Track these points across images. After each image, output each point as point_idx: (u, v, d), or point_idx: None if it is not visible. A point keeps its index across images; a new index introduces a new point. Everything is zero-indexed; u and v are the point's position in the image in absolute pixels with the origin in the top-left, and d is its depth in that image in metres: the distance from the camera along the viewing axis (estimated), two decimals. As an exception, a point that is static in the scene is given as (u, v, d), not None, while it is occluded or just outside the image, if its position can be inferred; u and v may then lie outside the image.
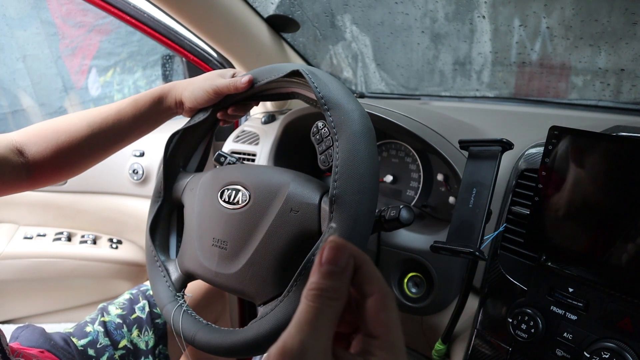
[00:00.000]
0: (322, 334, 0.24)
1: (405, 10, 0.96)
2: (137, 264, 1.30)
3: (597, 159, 0.49)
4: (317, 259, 0.25)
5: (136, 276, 1.31)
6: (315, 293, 0.24)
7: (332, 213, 0.47)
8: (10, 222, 1.30)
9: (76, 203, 1.29)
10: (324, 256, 0.25)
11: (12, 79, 1.49)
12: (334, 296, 0.24)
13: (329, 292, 0.24)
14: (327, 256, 0.25)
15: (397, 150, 0.86)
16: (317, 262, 0.25)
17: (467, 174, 0.57)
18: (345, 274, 0.25)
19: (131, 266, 1.29)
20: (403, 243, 0.70)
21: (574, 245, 0.51)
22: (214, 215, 0.59)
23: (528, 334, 0.54)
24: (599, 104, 0.84)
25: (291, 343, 0.23)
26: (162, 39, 1.05)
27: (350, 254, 0.25)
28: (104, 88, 1.61)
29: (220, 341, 0.54)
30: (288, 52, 1.11)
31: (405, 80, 1.15)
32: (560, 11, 0.78)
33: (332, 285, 0.24)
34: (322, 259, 0.25)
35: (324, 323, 0.24)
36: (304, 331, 0.24)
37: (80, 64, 1.58)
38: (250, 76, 0.61)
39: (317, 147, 0.54)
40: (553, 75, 0.90)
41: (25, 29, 1.47)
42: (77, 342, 0.72)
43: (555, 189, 0.52)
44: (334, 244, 0.25)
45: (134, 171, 1.23)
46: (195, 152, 0.71)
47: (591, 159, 0.49)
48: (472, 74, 1.01)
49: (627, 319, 0.48)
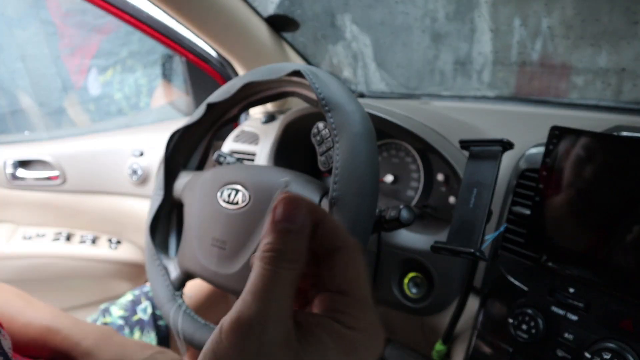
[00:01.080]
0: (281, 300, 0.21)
1: (406, 10, 0.96)
2: (136, 264, 1.30)
3: (598, 159, 0.48)
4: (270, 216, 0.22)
5: (136, 276, 1.31)
6: (272, 255, 0.21)
7: (332, 215, 0.47)
8: (9, 222, 1.30)
9: (75, 203, 1.29)
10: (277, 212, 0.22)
11: (11, 79, 1.49)
12: (293, 257, 0.22)
13: (287, 253, 0.21)
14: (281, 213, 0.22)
15: (398, 150, 0.86)
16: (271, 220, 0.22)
17: (467, 174, 0.56)
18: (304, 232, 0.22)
19: (130, 266, 1.29)
20: (403, 243, 0.69)
21: (575, 246, 0.51)
22: (214, 215, 0.59)
23: (529, 334, 0.54)
24: (600, 104, 0.84)
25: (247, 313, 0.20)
26: (162, 39, 1.05)
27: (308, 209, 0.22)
28: (104, 87, 1.61)
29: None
30: (288, 52, 1.11)
31: (405, 80, 1.15)
32: (561, 11, 0.78)
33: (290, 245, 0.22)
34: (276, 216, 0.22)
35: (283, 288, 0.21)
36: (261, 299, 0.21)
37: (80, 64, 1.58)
38: None
39: (318, 148, 0.54)
40: (554, 74, 0.90)
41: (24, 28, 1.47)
42: (76, 342, 0.72)
43: (556, 189, 0.52)
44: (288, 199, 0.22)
45: (133, 171, 1.23)
46: (195, 150, 0.71)
47: (592, 159, 0.49)
48: (473, 73, 1.01)
49: (628, 319, 0.48)
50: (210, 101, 0.64)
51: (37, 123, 1.55)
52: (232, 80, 0.64)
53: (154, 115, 1.59)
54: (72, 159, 1.26)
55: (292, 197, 0.22)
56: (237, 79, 0.62)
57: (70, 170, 1.26)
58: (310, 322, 0.22)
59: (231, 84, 0.63)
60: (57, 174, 1.26)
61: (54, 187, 1.27)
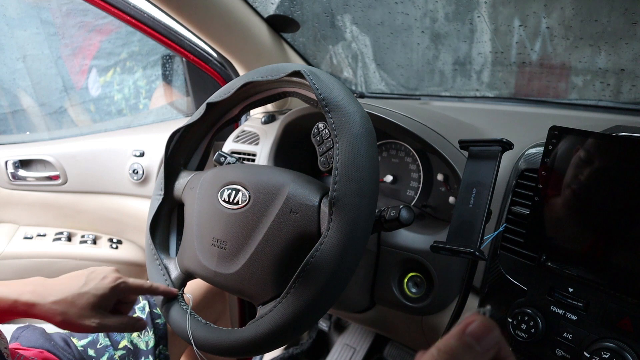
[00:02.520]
0: None
1: (405, 10, 0.96)
2: (137, 264, 1.30)
3: (597, 159, 0.49)
4: (462, 324, 0.24)
5: (136, 276, 1.30)
6: (447, 358, 0.23)
7: (332, 215, 0.47)
8: (10, 222, 1.30)
9: (76, 203, 1.29)
10: (470, 328, 0.24)
11: (12, 79, 1.49)
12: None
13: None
14: (474, 330, 0.24)
15: (397, 150, 0.86)
16: (461, 329, 0.24)
17: (467, 173, 0.57)
18: (484, 358, 0.24)
19: (131, 266, 1.29)
20: (403, 243, 0.70)
21: (574, 245, 0.51)
22: (214, 215, 0.59)
23: (528, 334, 0.54)
24: (599, 104, 0.84)
25: None
26: (162, 39, 1.05)
27: (497, 342, 0.24)
28: (104, 88, 1.61)
29: (219, 341, 0.54)
30: (288, 52, 1.11)
31: (405, 80, 1.15)
32: (560, 11, 0.78)
33: (465, 359, 0.23)
34: (467, 330, 0.24)
35: None
36: None
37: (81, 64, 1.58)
38: None
39: (318, 148, 0.54)
40: (553, 75, 0.90)
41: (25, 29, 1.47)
42: (77, 342, 0.72)
43: (555, 189, 0.52)
44: (487, 323, 0.24)
45: (134, 171, 1.23)
46: (196, 150, 0.71)
47: (591, 159, 0.49)
48: (472, 74, 1.01)
49: (627, 319, 0.48)
50: (210, 101, 0.64)
51: (38, 123, 1.55)
52: (232, 81, 0.64)
53: (154, 115, 1.60)
54: (73, 159, 1.26)
55: (490, 324, 0.24)
56: (237, 79, 0.63)
57: (71, 170, 1.26)
58: None
59: (231, 84, 0.63)
60: (58, 174, 1.26)
61: (55, 187, 1.27)
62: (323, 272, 0.46)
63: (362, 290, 0.74)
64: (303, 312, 0.47)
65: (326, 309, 0.50)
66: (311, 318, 0.49)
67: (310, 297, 0.47)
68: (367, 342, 1.19)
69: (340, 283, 0.48)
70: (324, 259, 0.46)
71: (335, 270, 0.46)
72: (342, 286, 0.48)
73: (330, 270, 0.46)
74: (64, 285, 0.56)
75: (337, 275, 0.47)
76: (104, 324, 0.56)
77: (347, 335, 1.23)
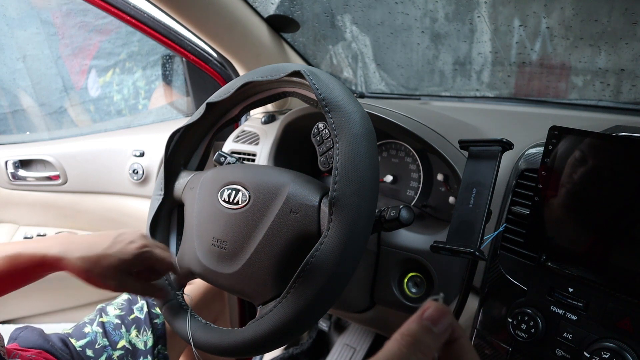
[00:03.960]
0: None
1: (405, 10, 0.96)
2: (136, 264, 1.30)
3: (597, 159, 0.49)
4: (420, 311, 0.28)
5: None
6: (410, 340, 0.27)
7: (332, 215, 0.47)
8: (10, 222, 1.30)
9: (76, 203, 1.29)
10: (427, 313, 0.28)
11: (12, 79, 1.49)
12: (424, 350, 0.27)
13: (422, 345, 0.27)
14: (430, 314, 0.28)
15: (397, 150, 0.86)
16: (419, 314, 0.28)
17: (467, 174, 0.57)
18: (440, 338, 0.27)
19: (131, 266, 1.29)
20: (403, 243, 0.70)
21: (574, 245, 0.51)
22: (214, 215, 0.59)
23: (528, 334, 0.54)
24: (599, 104, 0.84)
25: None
26: (162, 39, 1.05)
27: (450, 324, 0.28)
28: (104, 88, 1.61)
29: (219, 341, 0.54)
30: (288, 52, 1.11)
31: (405, 80, 1.15)
32: (560, 11, 0.78)
33: (425, 340, 0.27)
34: (425, 315, 0.28)
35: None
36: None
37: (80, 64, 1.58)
38: None
39: (318, 148, 0.54)
40: (553, 75, 0.90)
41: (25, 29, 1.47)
42: (75, 342, 0.72)
43: (555, 189, 0.52)
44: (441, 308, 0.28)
45: (134, 171, 1.23)
46: (196, 150, 0.71)
47: (591, 159, 0.49)
48: (472, 74, 1.01)
49: (627, 319, 0.48)
50: (210, 101, 0.64)
51: (38, 123, 1.55)
52: (232, 81, 0.64)
53: (154, 115, 1.60)
54: (73, 159, 1.26)
55: (443, 308, 0.28)
56: (237, 79, 0.63)
57: (71, 170, 1.26)
58: None
59: (231, 84, 0.63)
60: (58, 174, 1.26)
61: (55, 187, 1.27)
62: (323, 272, 0.46)
63: (362, 290, 0.74)
64: (303, 312, 0.47)
65: (326, 309, 0.50)
66: (311, 318, 0.49)
67: (310, 297, 0.47)
68: (367, 342, 1.19)
69: (341, 283, 0.48)
70: (324, 259, 0.46)
71: (335, 270, 0.46)
72: (342, 286, 0.48)
73: (330, 270, 0.46)
74: (92, 244, 0.57)
75: (337, 275, 0.47)
76: (124, 285, 0.57)
77: (347, 335, 1.23)
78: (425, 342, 0.27)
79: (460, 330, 0.28)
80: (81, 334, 0.74)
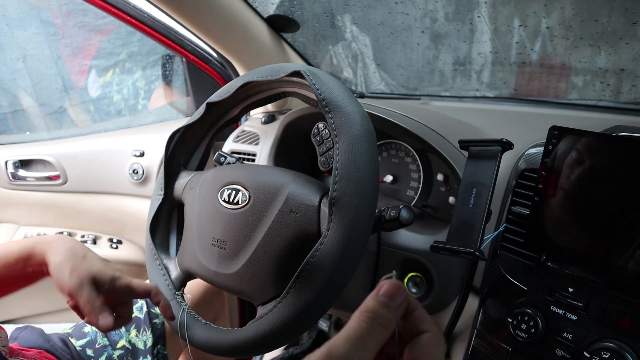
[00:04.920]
0: (366, 351, 0.27)
1: (405, 10, 0.96)
2: (137, 264, 1.30)
3: (597, 159, 0.49)
4: (376, 289, 0.29)
5: (136, 276, 1.29)
6: (369, 315, 0.28)
7: (332, 215, 0.47)
8: (10, 222, 1.30)
9: (76, 203, 1.29)
10: (382, 289, 0.29)
11: (12, 79, 1.49)
12: (384, 324, 0.28)
13: (381, 319, 0.28)
14: (385, 291, 0.29)
15: (397, 150, 0.86)
16: (375, 292, 0.29)
17: (467, 174, 0.57)
18: (397, 311, 0.29)
19: (131, 266, 1.29)
20: (403, 243, 0.70)
21: (574, 245, 0.51)
22: (214, 215, 0.59)
23: (528, 334, 0.54)
24: (599, 104, 0.84)
25: (337, 351, 0.27)
26: (162, 39, 1.05)
27: (405, 297, 0.29)
28: (104, 88, 1.61)
29: (219, 340, 0.54)
30: (288, 52, 1.11)
31: (405, 80, 1.15)
32: (560, 11, 0.78)
33: (384, 314, 0.28)
34: (380, 291, 0.29)
35: (369, 343, 0.27)
36: (351, 344, 0.27)
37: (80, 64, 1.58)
38: None
39: (318, 148, 0.54)
40: (553, 75, 0.90)
41: (25, 29, 1.47)
42: (75, 342, 0.72)
43: (555, 189, 0.52)
44: (395, 284, 0.29)
45: (134, 171, 1.23)
46: (196, 150, 0.71)
47: (591, 159, 0.49)
48: (472, 74, 1.01)
49: (627, 319, 0.48)
50: (210, 101, 0.64)
51: (38, 123, 1.55)
52: (232, 81, 0.64)
53: (154, 115, 1.60)
54: (73, 159, 1.26)
55: (397, 283, 0.29)
56: (237, 79, 0.63)
57: (71, 170, 1.26)
58: None
59: (231, 84, 0.63)
60: (58, 174, 1.26)
61: (55, 187, 1.27)
62: (323, 272, 0.46)
63: (362, 290, 0.74)
64: (303, 312, 0.47)
65: (326, 309, 0.50)
66: (311, 318, 0.49)
67: (310, 297, 0.47)
68: (367, 342, 1.19)
69: (341, 283, 0.48)
70: (324, 259, 0.46)
71: (336, 270, 0.46)
72: (343, 286, 0.48)
73: (330, 270, 0.46)
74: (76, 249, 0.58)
75: (337, 275, 0.47)
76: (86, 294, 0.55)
77: (347, 335, 1.22)
78: (384, 316, 0.28)
79: (415, 302, 0.30)
80: (81, 333, 0.74)
